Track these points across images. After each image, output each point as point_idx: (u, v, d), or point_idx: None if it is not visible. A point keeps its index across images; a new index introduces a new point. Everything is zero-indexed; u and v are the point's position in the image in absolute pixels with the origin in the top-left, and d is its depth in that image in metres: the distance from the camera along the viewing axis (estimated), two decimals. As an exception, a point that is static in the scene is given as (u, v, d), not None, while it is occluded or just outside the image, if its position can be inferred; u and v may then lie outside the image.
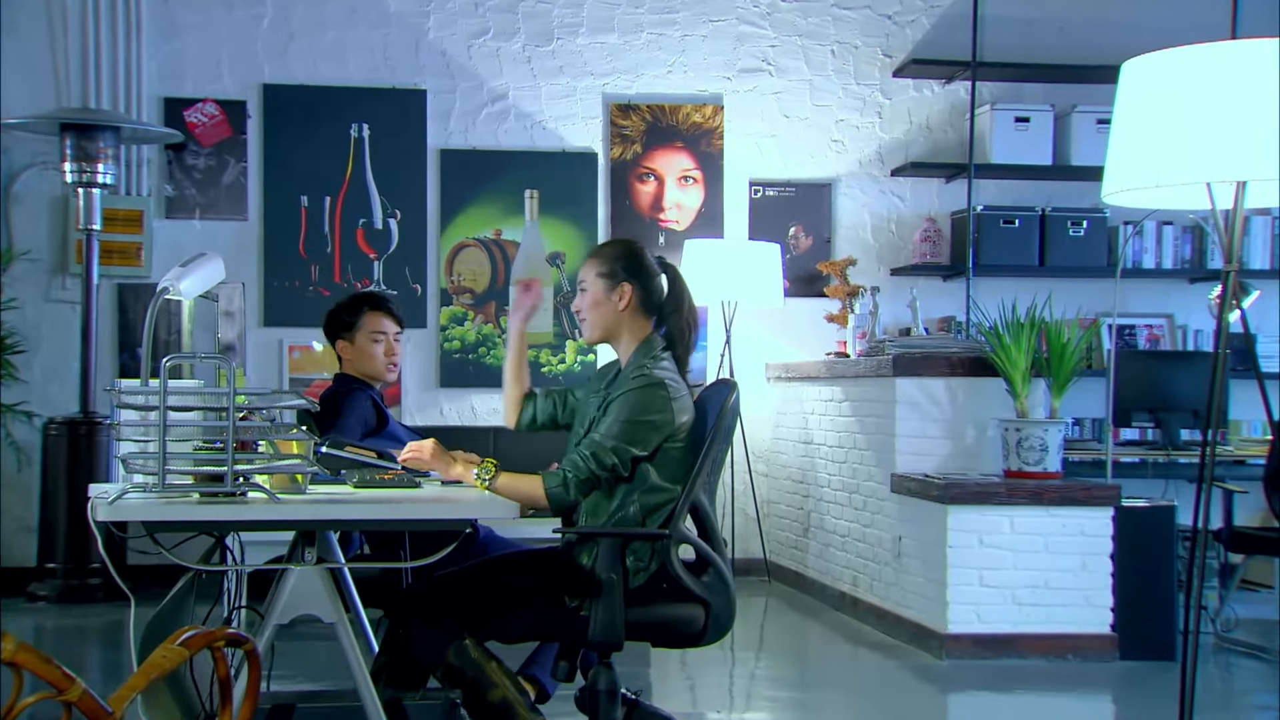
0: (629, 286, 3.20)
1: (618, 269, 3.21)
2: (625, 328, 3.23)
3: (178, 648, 1.80)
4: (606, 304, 3.21)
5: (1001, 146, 6.73)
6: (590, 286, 3.23)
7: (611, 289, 3.20)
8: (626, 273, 3.21)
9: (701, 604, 3.05)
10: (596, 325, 3.24)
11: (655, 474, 3.08)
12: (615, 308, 3.20)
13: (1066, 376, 5.12)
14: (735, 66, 6.96)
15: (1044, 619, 5.00)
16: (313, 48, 6.71)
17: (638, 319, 3.22)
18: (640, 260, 3.25)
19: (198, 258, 2.95)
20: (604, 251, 3.29)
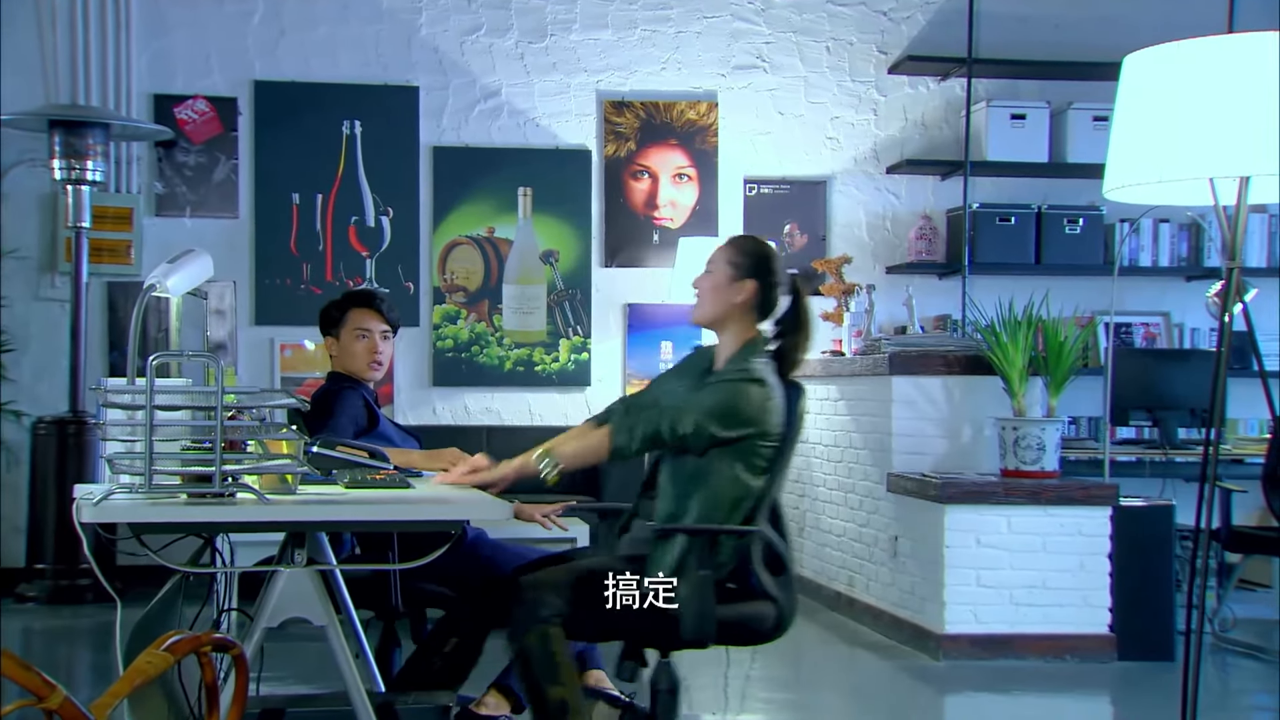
0: (752, 284, 3.20)
1: (748, 264, 3.22)
2: (734, 321, 3.22)
3: (162, 653, 1.76)
4: (726, 292, 3.20)
5: (997, 144, 6.70)
6: (716, 270, 3.23)
7: (735, 280, 3.20)
8: (755, 271, 3.22)
9: (773, 602, 3.07)
10: (708, 309, 3.24)
11: (742, 469, 3.09)
12: (732, 299, 3.20)
13: (1064, 375, 5.08)
14: (730, 63, 6.91)
15: (1041, 619, 4.97)
16: (304, 44, 6.66)
17: (748, 318, 3.23)
18: (771, 265, 3.26)
19: (185, 254, 2.90)
20: (741, 244, 3.29)
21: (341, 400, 3.73)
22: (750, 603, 3.06)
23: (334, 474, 3.11)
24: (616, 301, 6.82)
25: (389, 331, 3.93)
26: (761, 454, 3.11)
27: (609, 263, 6.84)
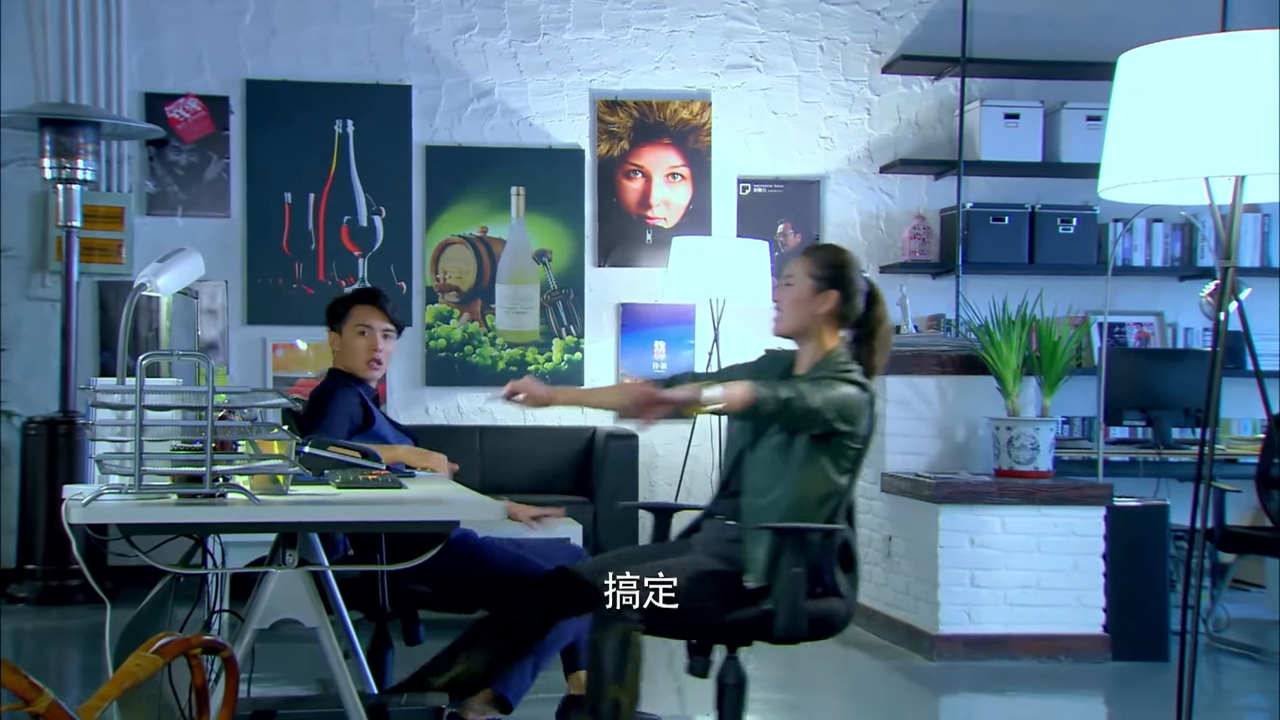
0: (835, 294, 3.25)
1: (830, 275, 3.27)
2: (817, 332, 3.28)
3: (152, 655, 1.74)
4: (809, 304, 3.26)
5: (991, 143, 6.69)
6: (797, 282, 3.28)
7: (818, 291, 3.25)
8: (836, 281, 3.27)
9: (843, 599, 3.14)
10: (792, 321, 3.28)
11: (830, 466, 3.14)
12: (815, 310, 3.25)
13: (1058, 375, 5.08)
14: (723, 62, 6.90)
15: (1036, 619, 4.96)
16: (296, 43, 6.63)
17: (831, 327, 3.28)
18: (851, 274, 3.31)
19: (176, 253, 2.88)
20: (821, 255, 3.34)
21: (337, 399, 3.71)
22: (826, 599, 3.13)
23: (326, 474, 3.09)
24: (610, 301, 6.80)
25: (391, 331, 3.88)
26: (848, 454, 3.16)
27: (602, 262, 6.82)
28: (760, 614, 3.04)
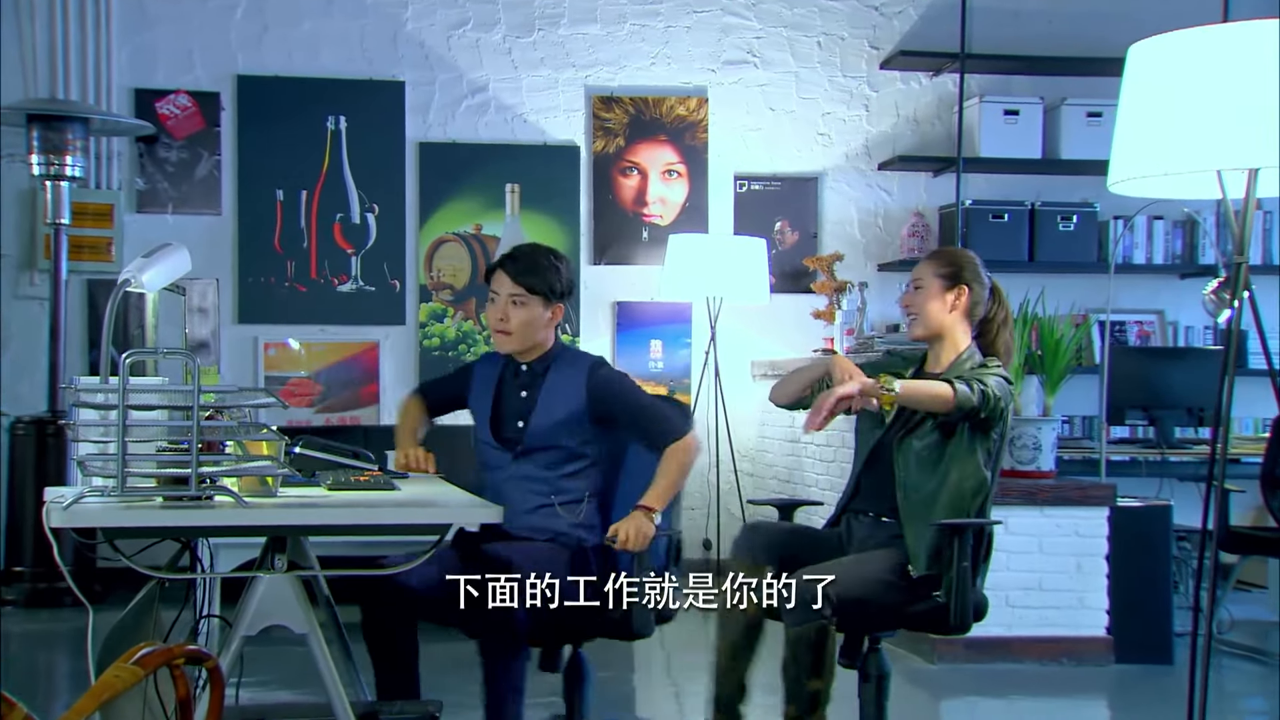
0: (965, 290, 3.38)
1: (957, 272, 3.40)
2: (951, 330, 3.39)
3: (132, 667, 1.67)
4: (942, 303, 3.37)
5: (990, 140, 6.62)
6: (927, 284, 3.40)
7: (948, 289, 3.38)
8: (963, 278, 3.39)
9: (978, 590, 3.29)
10: (929, 322, 3.39)
11: (982, 457, 3.28)
12: (948, 308, 3.38)
13: (1060, 373, 5.01)
14: (720, 58, 6.83)
15: (1038, 621, 4.90)
16: (287, 38, 6.55)
17: (964, 325, 3.41)
18: (976, 269, 3.45)
19: (161, 248, 2.80)
20: (944, 255, 3.52)
21: (458, 369, 3.80)
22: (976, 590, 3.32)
23: (317, 476, 3.02)
24: (605, 299, 6.73)
25: (522, 296, 3.39)
26: (993, 446, 3.31)
27: (598, 260, 6.75)
28: (933, 606, 3.22)
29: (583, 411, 3.37)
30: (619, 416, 3.37)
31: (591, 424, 3.38)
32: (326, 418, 6.50)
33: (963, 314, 3.37)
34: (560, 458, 3.37)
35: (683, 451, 3.30)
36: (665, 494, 3.26)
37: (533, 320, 3.41)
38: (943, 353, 3.40)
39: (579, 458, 3.38)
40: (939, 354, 3.41)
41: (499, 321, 3.43)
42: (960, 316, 3.37)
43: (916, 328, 3.42)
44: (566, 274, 3.46)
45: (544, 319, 3.43)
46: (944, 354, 3.40)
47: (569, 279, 3.48)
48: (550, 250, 3.52)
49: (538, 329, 3.43)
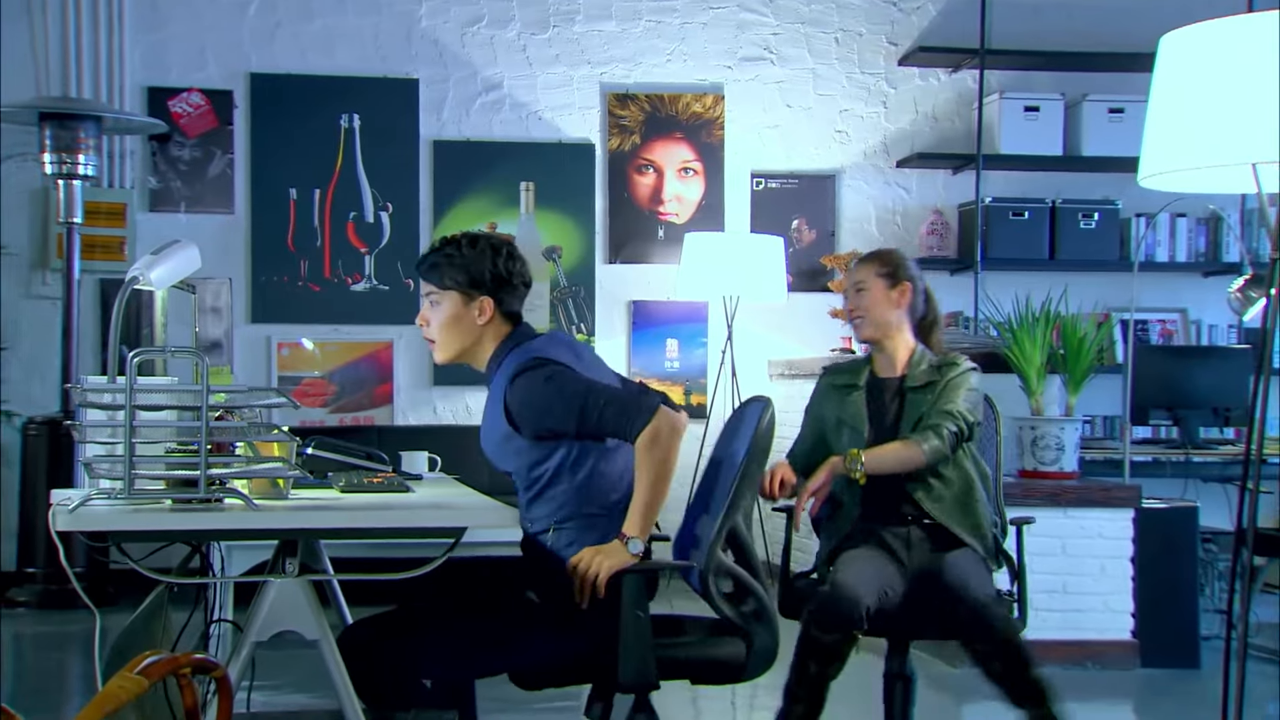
0: (909, 286, 3.42)
1: (897, 270, 3.43)
2: (900, 327, 3.42)
3: (136, 677, 1.61)
4: (888, 302, 3.40)
5: (1010, 137, 6.55)
6: (870, 285, 3.42)
7: (892, 288, 3.41)
8: (904, 275, 3.43)
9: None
10: (877, 322, 3.41)
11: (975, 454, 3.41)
12: (894, 306, 3.41)
13: (1083, 373, 4.94)
14: (736, 55, 6.76)
15: (1062, 625, 4.82)
16: (300, 36, 6.51)
17: (909, 322, 3.45)
18: (911, 265, 3.49)
19: (170, 245, 2.75)
20: (881, 255, 3.50)
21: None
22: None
23: (330, 477, 2.96)
24: (621, 298, 6.67)
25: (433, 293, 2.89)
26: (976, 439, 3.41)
27: (613, 259, 6.69)
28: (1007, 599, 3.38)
29: (509, 432, 2.78)
30: (557, 427, 2.71)
31: (532, 441, 2.76)
32: (340, 418, 6.45)
33: (906, 311, 3.43)
34: (521, 484, 2.82)
35: (652, 442, 2.63)
36: (644, 511, 2.66)
37: (451, 320, 2.83)
38: (896, 353, 3.43)
39: (535, 482, 2.77)
40: (892, 355, 3.43)
41: (423, 327, 2.91)
42: (905, 314, 3.43)
43: (865, 329, 3.43)
44: (489, 260, 2.82)
45: (467, 316, 2.83)
46: (897, 354, 3.43)
47: (494, 266, 2.83)
48: (467, 236, 2.88)
49: (461, 330, 2.84)
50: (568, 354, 2.81)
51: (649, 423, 2.63)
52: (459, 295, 2.83)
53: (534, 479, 2.77)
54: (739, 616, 2.76)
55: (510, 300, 2.87)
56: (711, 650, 2.80)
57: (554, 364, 2.73)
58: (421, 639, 2.65)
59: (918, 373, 3.39)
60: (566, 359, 2.77)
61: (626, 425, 2.66)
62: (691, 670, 2.81)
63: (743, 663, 2.78)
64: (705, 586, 2.70)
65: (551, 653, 2.71)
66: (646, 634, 2.62)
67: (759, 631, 2.77)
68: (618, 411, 2.66)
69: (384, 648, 2.63)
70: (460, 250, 2.83)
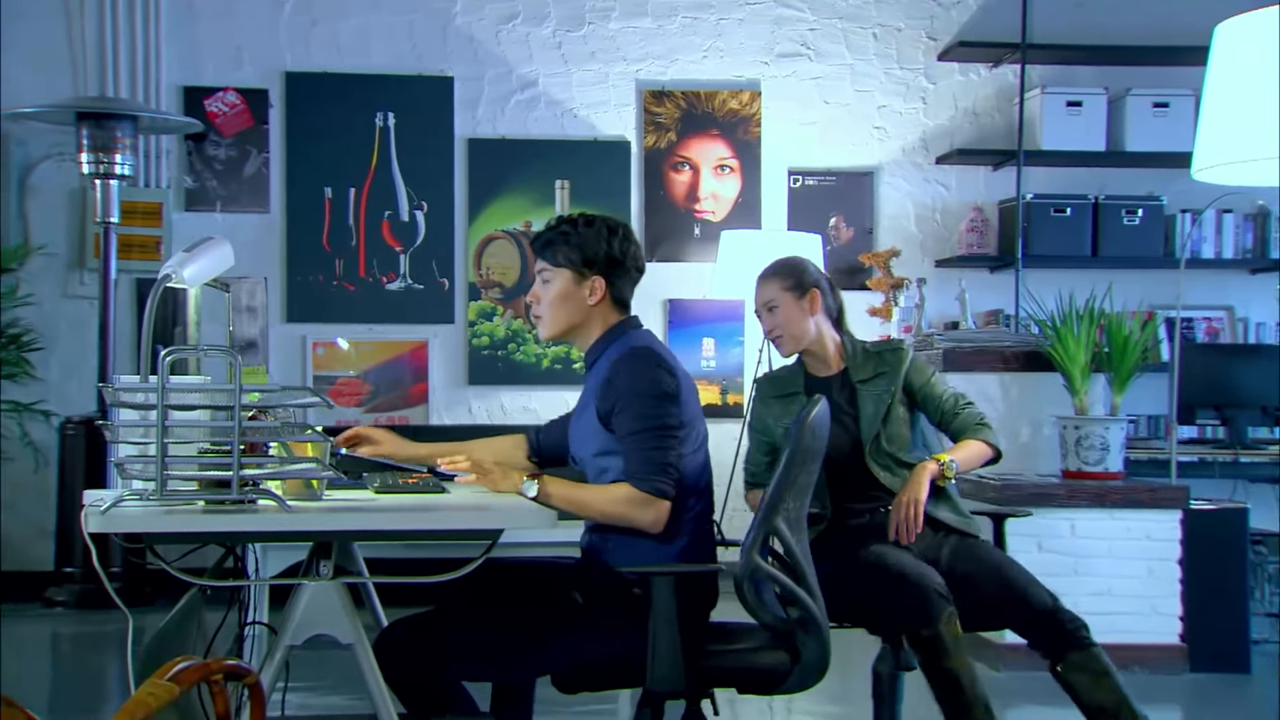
0: (816, 293, 3.44)
1: (800, 280, 3.45)
2: (820, 332, 3.45)
3: (167, 684, 1.57)
4: (801, 313, 3.42)
5: (1052, 132, 6.45)
6: (780, 301, 3.43)
7: (800, 299, 3.43)
8: (808, 283, 3.45)
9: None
10: (797, 335, 3.44)
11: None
12: (808, 315, 3.43)
13: (1129, 371, 4.85)
14: (773, 51, 6.70)
15: (1108, 628, 4.68)
16: (336, 34, 6.49)
17: (827, 322, 3.48)
18: (814, 270, 3.51)
19: (203, 242, 2.71)
20: (779, 269, 3.48)
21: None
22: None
23: (364, 478, 2.92)
24: (657, 297, 6.61)
25: (545, 270, 2.88)
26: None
27: (649, 257, 6.62)
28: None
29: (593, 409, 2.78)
30: (613, 415, 2.74)
31: (602, 424, 2.77)
32: (375, 418, 6.43)
33: (823, 314, 3.46)
34: (591, 473, 2.81)
35: (629, 503, 2.67)
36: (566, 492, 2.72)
37: (560, 297, 2.82)
38: (826, 353, 3.47)
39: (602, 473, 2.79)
40: (822, 356, 3.48)
41: (533, 305, 2.90)
42: (822, 317, 3.46)
43: (788, 345, 3.47)
44: (605, 241, 2.82)
45: (577, 295, 2.82)
46: (827, 353, 3.47)
47: (610, 248, 2.83)
48: (584, 216, 2.88)
49: (570, 308, 2.82)
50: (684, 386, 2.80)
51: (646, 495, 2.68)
52: (571, 273, 2.84)
53: (601, 469, 2.79)
54: (783, 625, 2.69)
55: (622, 284, 2.88)
56: (754, 659, 2.73)
57: (670, 378, 2.75)
58: (455, 639, 2.61)
59: (859, 365, 3.46)
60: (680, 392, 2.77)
61: (637, 474, 2.69)
62: (735, 679, 2.74)
63: (786, 672, 2.71)
64: (741, 592, 2.63)
65: (594, 655, 2.67)
66: (674, 639, 2.57)
67: (805, 641, 2.69)
68: (644, 461, 2.69)
69: (417, 648, 2.60)
70: (576, 229, 2.84)
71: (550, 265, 2.85)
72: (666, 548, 2.73)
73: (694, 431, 2.81)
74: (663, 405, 2.71)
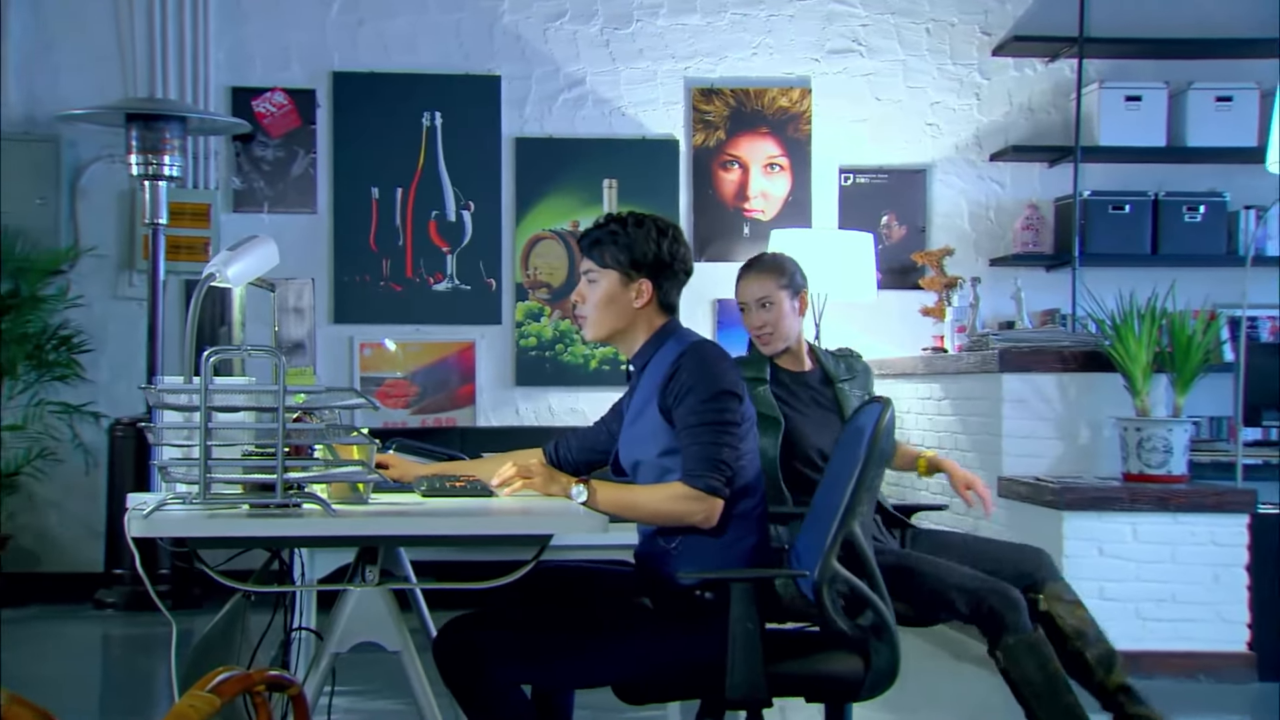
0: (804, 292, 3.54)
1: (792, 279, 3.52)
2: (798, 329, 3.54)
3: (208, 695, 1.52)
4: (792, 313, 3.50)
5: (1110, 128, 6.30)
6: (776, 298, 3.48)
7: (793, 297, 3.51)
8: (798, 281, 3.53)
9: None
10: (788, 333, 3.50)
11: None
12: (798, 314, 3.52)
13: (1192, 372, 4.72)
14: (824, 47, 6.60)
15: (1172, 635, 4.61)
16: (383, 33, 6.46)
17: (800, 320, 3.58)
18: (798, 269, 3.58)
19: (247, 241, 2.66)
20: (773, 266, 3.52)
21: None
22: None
23: (412, 481, 2.87)
24: (705, 297, 6.53)
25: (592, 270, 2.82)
26: None
27: (698, 256, 6.54)
28: None
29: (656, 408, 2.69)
30: (675, 407, 2.66)
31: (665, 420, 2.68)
32: (422, 419, 6.39)
33: (802, 314, 3.56)
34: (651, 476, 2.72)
35: (683, 499, 2.60)
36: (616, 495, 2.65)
37: (606, 298, 2.75)
38: (800, 353, 3.54)
39: (665, 474, 2.69)
40: (797, 353, 3.54)
41: (577, 305, 2.83)
42: (801, 317, 3.56)
43: (775, 343, 3.49)
44: (654, 242, 2.75)
45: (624, 298, 2.76)
46: (801, 354, 3.55)
47: (659, 250, 2.75)
48: (633, 215, 2.80)
49: (616, 311, 2.76)
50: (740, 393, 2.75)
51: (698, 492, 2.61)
52: (618, 275, 2.77)
53: (664, 470, 2.69)
54: (856, 630, 2.61)
55: (669, 287, 2.81)
56: (825, 666, 2.65)
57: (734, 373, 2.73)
58: (512, 643, 2.54)
59: (832, 366, 3.59)
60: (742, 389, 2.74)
61: (692, 470, 2.62)
62: (804, 686, 2.66)
63: (860, 679, 2.63)
64: (819, 598, 2.55)
65: (662, 663, 2.59)
66: (756, 646, 2.50)
67: (878, 647, 2.61)
68: (698, 458, 2.63)
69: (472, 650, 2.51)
70: (625, 229, 2.77)
71: (597, 265, 2.79)
72: (736, 549, 2.67)
73: (755, 429, 2.76)
74: (723, 400, 2.65)
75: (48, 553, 6.26)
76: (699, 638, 2.56)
